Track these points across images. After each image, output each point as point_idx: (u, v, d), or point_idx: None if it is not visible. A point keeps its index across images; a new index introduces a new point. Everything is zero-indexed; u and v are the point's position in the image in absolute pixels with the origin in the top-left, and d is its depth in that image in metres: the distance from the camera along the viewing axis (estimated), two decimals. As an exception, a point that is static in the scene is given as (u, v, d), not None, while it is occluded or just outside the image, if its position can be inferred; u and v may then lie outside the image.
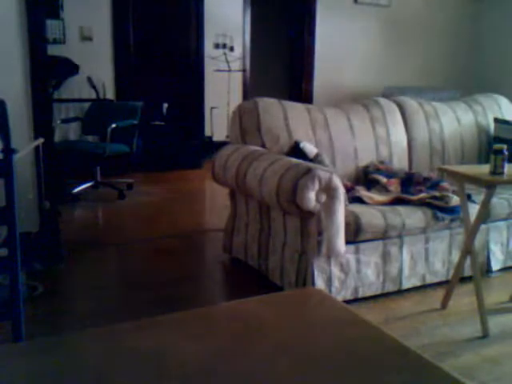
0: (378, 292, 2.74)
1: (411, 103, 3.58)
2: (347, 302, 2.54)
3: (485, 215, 2.67)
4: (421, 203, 2.82)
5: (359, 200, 2.84)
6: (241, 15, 6.59)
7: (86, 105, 5.15)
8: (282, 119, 3.03)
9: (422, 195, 2.87)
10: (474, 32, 6.54)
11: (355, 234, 2.57)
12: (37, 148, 3.02)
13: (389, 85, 6.02)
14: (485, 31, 6.45)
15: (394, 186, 3.05)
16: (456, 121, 3.67)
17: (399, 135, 3.41)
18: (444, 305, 2.68)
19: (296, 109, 3.16)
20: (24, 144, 2.79)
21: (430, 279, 2.90)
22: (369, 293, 2.71)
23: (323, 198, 2.41)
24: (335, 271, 2.57)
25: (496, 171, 2.42)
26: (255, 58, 7.07)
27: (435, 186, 3.01)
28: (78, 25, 5.35)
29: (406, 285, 2.83)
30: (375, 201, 2.85)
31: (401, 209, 2.74)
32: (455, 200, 2.79)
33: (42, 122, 3.19)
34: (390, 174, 3.13)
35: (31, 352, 0.91)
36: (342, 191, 2.46)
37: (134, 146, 4.71)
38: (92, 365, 0.86)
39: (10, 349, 0.98)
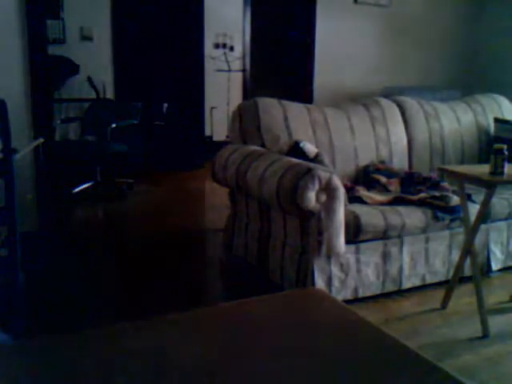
0: (378, 292, 2.74)
1: (411, 103, 3.58)
2: (347, 301, 2.54)
3: (485, 215, 2.67)
4: (421, 203, 2.82)
5: (359, 200, 2.84)
6: (241, 15, 6.58)
7: (86, 105, 5.14)
8: (281, 119, 3.03)
9: (422, 195, 2.87)
10: (474, 32, 6.54)
11: (355, 233, 2.57)
12: (37, 148, 3.02)
13: (389, 85, 6.02)
14: (485, 31, 6.45)
15: (394, 186, 3.06)
16: (456, 121, 3.67)
17: (399, 135, 3.41)
18: (444, 305, 2.68)
19: (296, 109, 3.16)
20: (24, 144, 2.79)
21: (430, 279, 2.89)
22: (369, 293, 2.71)
23: (323, 198, 2.41)
24: (335, 271, 2.57)
25: (496, 171, 2.42)
26: (255, 58, 7.06)
27: (435, 185, 3.01)
28: (78, 25, 5.35)
29: (406, 285, 2.83)
30: (375, 201, 2.85)
31: (401, 209, 2.74)
32: (455, 200, 2.79)
33: (42, 121, 3.20)
34: (390, 174, 3.13)
35: (31, 352, 0.91)
36: (341, 191, 2.46)
37: (134, 146, 4.71)
38: (92, 365, 0.86)
39: (10, 349, 0.98)
